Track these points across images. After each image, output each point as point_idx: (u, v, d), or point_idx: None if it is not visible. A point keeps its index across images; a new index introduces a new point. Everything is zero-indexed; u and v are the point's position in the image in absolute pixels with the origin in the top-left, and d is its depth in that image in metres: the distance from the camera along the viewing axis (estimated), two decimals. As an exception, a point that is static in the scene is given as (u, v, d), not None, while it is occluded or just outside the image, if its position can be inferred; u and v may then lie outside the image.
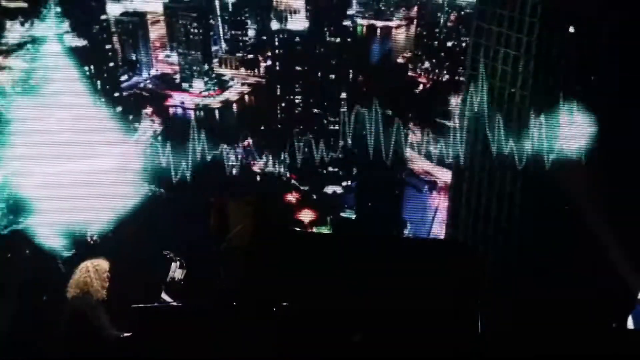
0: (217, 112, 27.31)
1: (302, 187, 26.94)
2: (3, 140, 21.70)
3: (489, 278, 7.58)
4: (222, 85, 27.74)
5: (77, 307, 7.08)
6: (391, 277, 7.39)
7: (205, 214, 8.23)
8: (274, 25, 27.36)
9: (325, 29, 26.76)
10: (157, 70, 27.68)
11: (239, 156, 26.52)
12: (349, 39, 27.31)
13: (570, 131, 22.91)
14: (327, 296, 7.27)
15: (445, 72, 27.51)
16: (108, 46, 26.15)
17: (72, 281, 7.28)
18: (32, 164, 21.97)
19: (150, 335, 7.06)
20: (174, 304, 7.63)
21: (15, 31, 24.01)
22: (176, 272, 7.85)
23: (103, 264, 7.35)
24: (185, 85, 27.50)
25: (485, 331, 7.27)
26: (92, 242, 23.22)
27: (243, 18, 27.68)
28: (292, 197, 26.95)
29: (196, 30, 27.17)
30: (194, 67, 27.47)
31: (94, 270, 7.33)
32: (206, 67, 27.56)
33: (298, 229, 22.24)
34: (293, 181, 27.02)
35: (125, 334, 7.12)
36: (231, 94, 27.68)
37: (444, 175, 26.48)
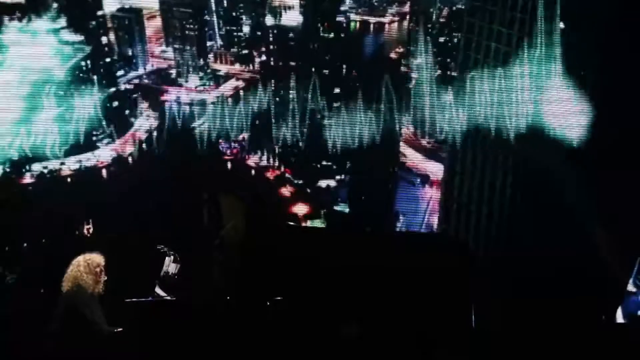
0: (212, 106, 27.42)
1: (296, 181, 27.10)
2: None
3: (481, 272, 7.63)
4: (217, 80, 27.93)
5: (70, 301, 6.92)
6: (383, 271, 7.38)
7: (199, 209, 8.22)
8: (269, 21, 27.48)
9: (319, 25, 26.84)
10: (152, 65, 27.84)
11: (234, 150, 26.74)
12: (342, 35, 27.42)
13: (561, 125, 23.07)
14: (320, 290, 7.27)
15: (437, 67, 27.61)
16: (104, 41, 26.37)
17: (66, 275, 7.05)
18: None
19: (144, 330, 7.01)
20: (168, 298, 7.55)
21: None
22: (170, 266, 7.76)
23: (96, 258, 7.19)
24: (180, 80, 27.70)
25: (479, 325, 7.31)
26: (88, 235, 23.41)
27: (238, 14, 27.83)
28: (286, 191, 27.11)
29: (191, 26, 27.32)
30: (190, 62, 27.62)
31: (84, 265, 7.08)
32: (201, 62, 27.76)
33: (292, 223, 22.35)
34: (287, 175, 27.16)
35: (119, 329, 7.04)
36: (226, 89, 27.83)
37: (436, 169, 26.71)
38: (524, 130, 23.33)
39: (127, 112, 26.07)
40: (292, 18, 27.15)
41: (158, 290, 7.62)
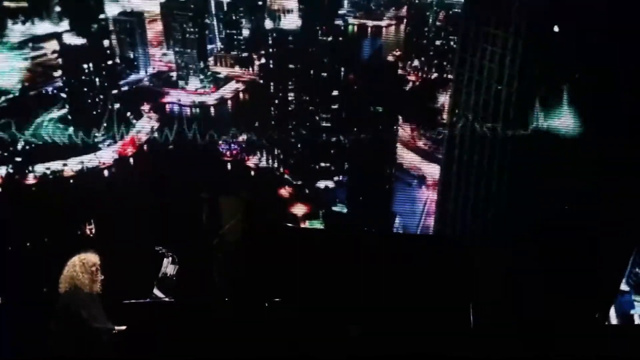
0: (212, 108, 27.62)
1: (294, 182, 27.21)
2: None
3: (479, 273, 7.69)
4: (217, 82, 28.07)
5: (68, 301, 6.69)
6: (381, 273, 7.48)
7: (198, 209, 8.27)
8: (268, 24, 27.64)
9: (318, 28, 26.94)
10: (153, 68, 28.01)
11: (233, 151, 26.85)
12: (340, 38, 27.57)
13: (555, 127, 23.19)
14: (318, 292, 7.34)
15: (434, 70, 27.75)
16: (106, 44, 26.49)
17: (62, 276, 6.80)
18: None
19: (142, 331, 6.92)
20: (166, 299, 7.48)
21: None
22: (168, 267, 7.65)
23: (91, 257, 6.93)
24: (181, 82, 27.92)
25: (477, 325, 7.39)
26: (90, 235, 23.60)
27: (238, 17, 27.95)
28: (285, 192, 27.21)
29: (192, 29, 27.47)
30: (190, 65, 27.78)
31: (80, 265, 6.83)
32: (202, 65, 27.96)
33: (290, 224, 22.40)
34: (286, 176, 27.26)
35: (118, 328, 6.83)
36: (226, 91, 27.98)
37: (433, 170, 26.82)
38: (520, 130, 23.49)
39: (128, 114, 26.28)
40: (291, 21, 27.25)
41: (156, 291, 7.56)
